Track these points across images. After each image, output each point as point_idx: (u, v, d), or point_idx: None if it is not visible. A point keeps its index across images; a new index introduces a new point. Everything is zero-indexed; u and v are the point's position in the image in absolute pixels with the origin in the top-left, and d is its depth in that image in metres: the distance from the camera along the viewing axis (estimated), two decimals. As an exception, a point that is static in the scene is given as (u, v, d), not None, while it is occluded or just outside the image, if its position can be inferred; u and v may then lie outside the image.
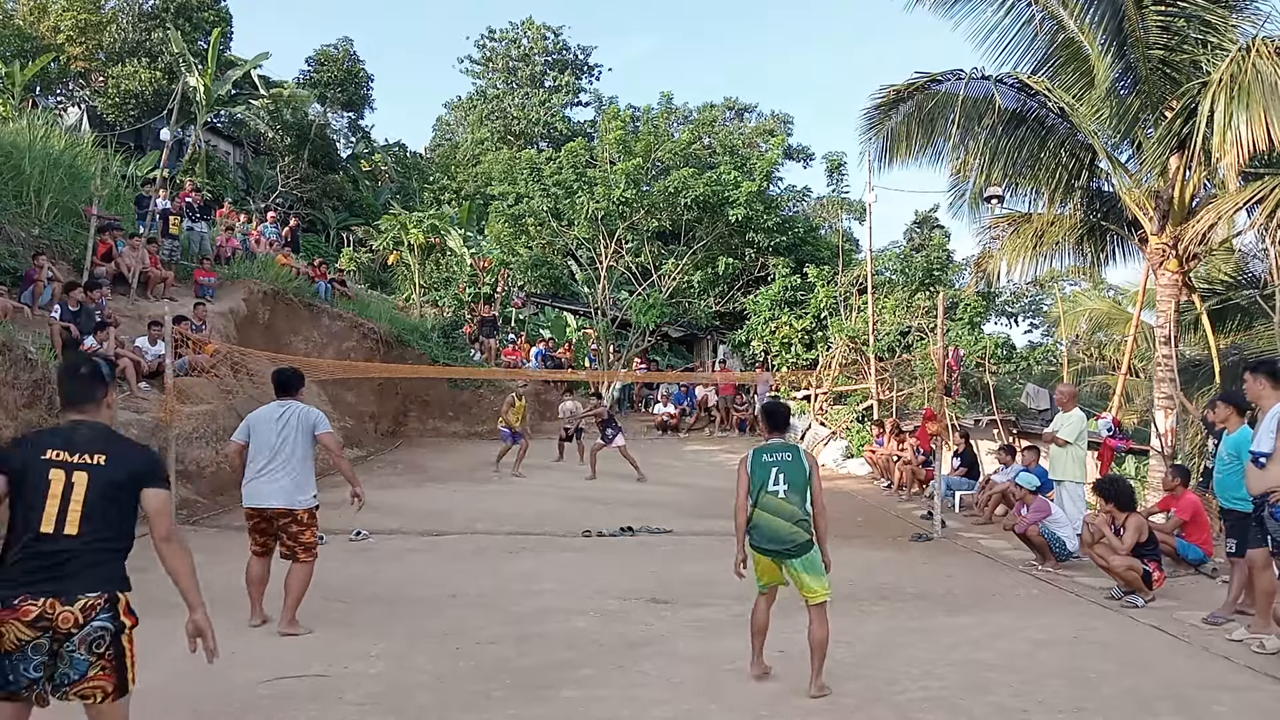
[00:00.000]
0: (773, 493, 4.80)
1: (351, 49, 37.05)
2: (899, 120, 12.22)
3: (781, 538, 4.76)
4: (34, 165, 14.11)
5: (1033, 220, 14.06)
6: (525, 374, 21.27)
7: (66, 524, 2.94)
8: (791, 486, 4.81)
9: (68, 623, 2.88)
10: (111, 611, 2.98)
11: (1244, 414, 6.52)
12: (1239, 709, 4.66)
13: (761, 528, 4.82)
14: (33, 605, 2.86)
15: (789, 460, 4.88)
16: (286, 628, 5.77)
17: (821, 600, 4.75)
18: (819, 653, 4.72)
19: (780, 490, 4.80)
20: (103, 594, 2.97)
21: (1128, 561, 6.94)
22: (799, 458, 4.92)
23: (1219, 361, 13.34)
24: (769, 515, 4.80)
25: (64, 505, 2.94)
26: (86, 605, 2.92)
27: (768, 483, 4.82)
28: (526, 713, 4.56)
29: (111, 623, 2.97)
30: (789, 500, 4.78)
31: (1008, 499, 10.53)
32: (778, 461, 4.88)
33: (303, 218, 26.87)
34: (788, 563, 4.79)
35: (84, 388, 3.18)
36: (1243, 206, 10.99)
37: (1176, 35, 10.87)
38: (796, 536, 4.74)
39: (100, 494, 2.99)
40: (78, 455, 3.00)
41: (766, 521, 4.80)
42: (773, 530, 4.78)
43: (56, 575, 2.91)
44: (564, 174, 24.32)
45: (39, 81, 25.87)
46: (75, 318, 11.07)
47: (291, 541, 5.86)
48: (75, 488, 2.96)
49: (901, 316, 19.11)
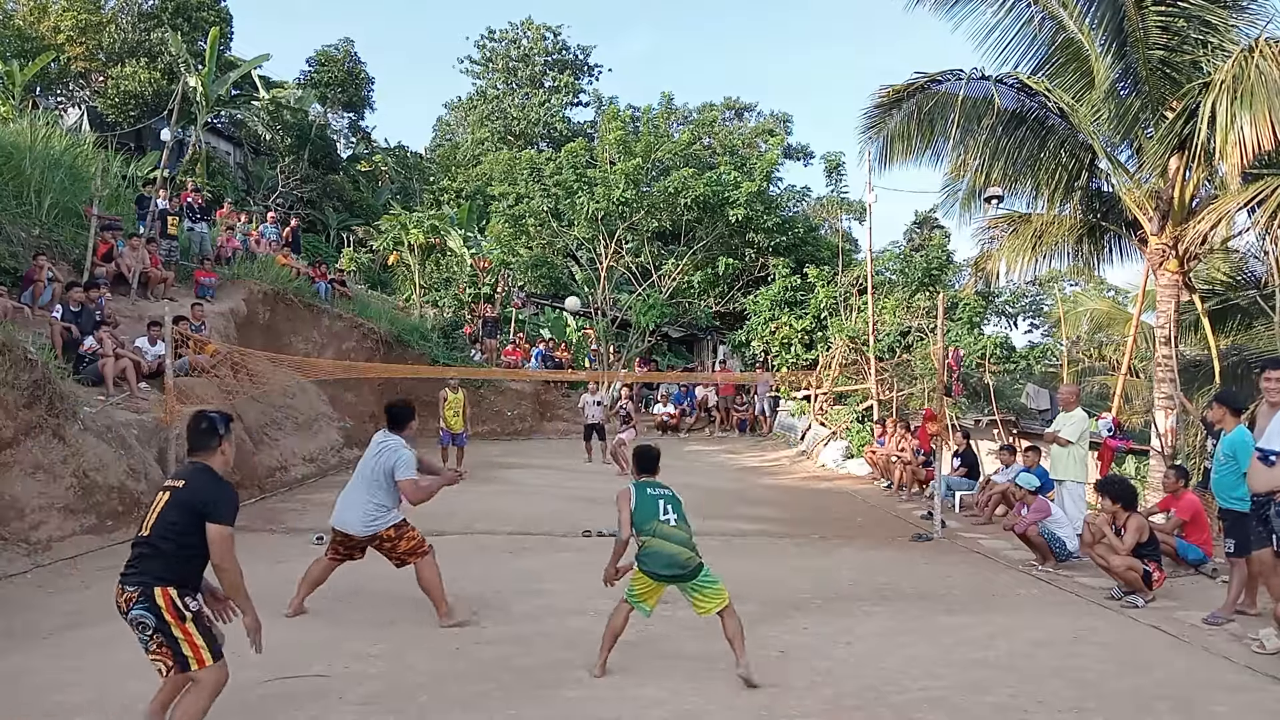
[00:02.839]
0: (664, 521, 5.08)
1: (353, 49, 37.12)
2: (898, 120, 12.22)
3: (679, 562, 4.99)
4: (34, 165, 14.10)
5: (1032, 220, 14.06)
6: (525, 374, 21.29)
7: (144, 527, 3.74)
8: (679, 516, 5.13)
9: (122, 606, 3.69)
10: (147, 603, 3.63)
11: (1239, 414, 6.52)
12: (1239, 709, 4.66)
13: (660, 554, 5.00)
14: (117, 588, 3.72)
15: (669, 495, 5.23)
16: (445, 621, 5.96)
17: (723, 608, 4.98)
18: (739, 640, 4.93)
19: (671, 519, 5.09)
20: (138, 589, 3.66)
21: (1128, 562, 6.94)
22: (674, 493, 5.29)
23: (1219, 362, 13.34)
24: (666, 542, 5.01)
25: (151, 516, 3.74)
26: (129, 596, 3.67)
27: (657, 513, 5.09)
28: (526, 713, 4.56)
29: (149, 613, 3.63)
30: (680, 527, 5.08)
31: (1008, 499, 10.53)
32: (661, 495, 5.20)
33: (303, 218, 26.88)
34: (684, 585, 5.02)
35: (198, 439, 3.92)
36: (1243, 207, 10.98)
37: (1176, 36, 10.88)
38: (691, 561, 5.00)
39: (169, 509, 3.71)
40: (173, 481, 3.85)
41: (664, 548, 5.00)
42: (670, 556, 4.99)
43: (126, 567, 3.74)
44: (564, 174, 24.32)
45: (39, 81, 25.86)
46: (75, 318, 11.06)
47: (394, 555, 6.04)
48: (159, 503, 3.76)
49: (901, 316, 19.11)
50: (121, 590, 3.69)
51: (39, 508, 7.94)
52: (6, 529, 7.58)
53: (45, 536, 7.84)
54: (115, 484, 8.78)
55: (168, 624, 3.64)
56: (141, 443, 9.74)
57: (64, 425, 8.48)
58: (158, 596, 3.64)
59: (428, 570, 6.01)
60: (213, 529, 3.67)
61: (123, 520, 8.73)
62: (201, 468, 3.85)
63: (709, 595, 5.00)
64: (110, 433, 9.22)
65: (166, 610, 3.65)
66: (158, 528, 3.69)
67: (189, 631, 3.67)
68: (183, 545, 3.69)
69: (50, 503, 8.06)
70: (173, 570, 3.69)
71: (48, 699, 4.60)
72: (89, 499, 8.43)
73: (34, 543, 7.71)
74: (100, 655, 5.29)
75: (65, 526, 8.09)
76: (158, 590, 3.64)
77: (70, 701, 4.56)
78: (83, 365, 10.63)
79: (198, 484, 3.77)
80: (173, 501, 3.72)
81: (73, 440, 8.50)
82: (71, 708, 4.49)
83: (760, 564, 8.42)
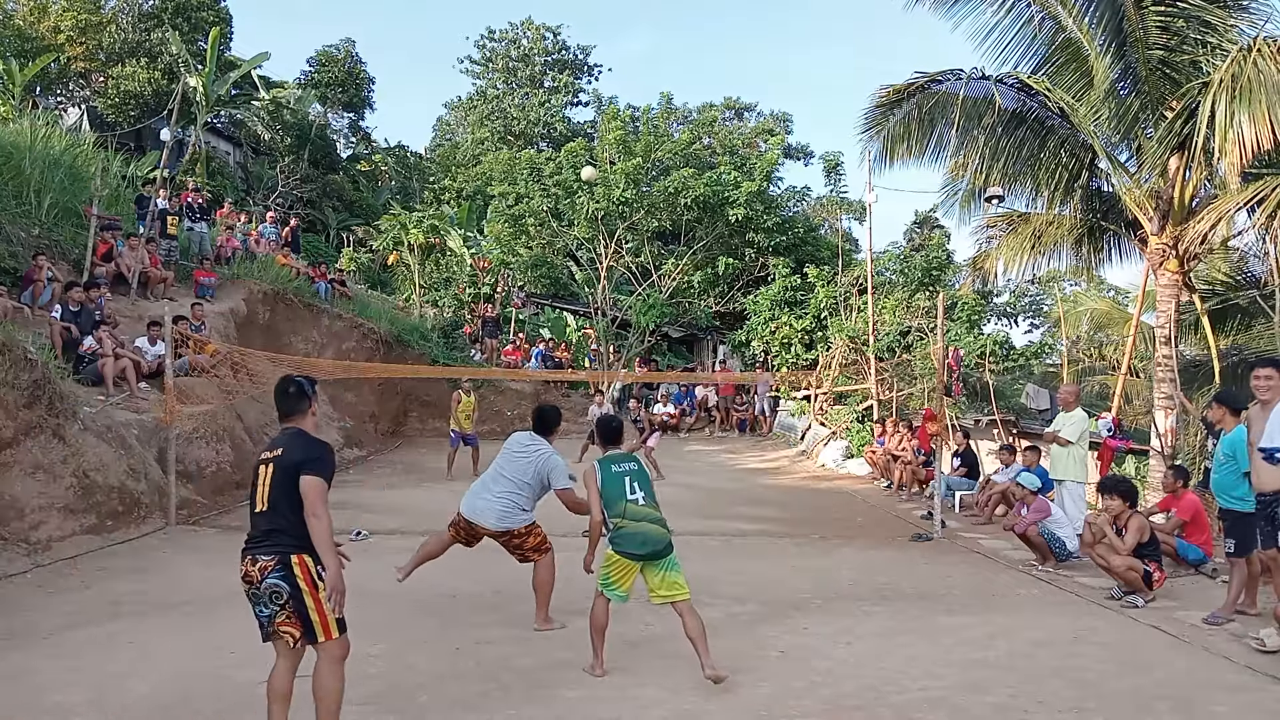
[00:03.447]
0: (632, 500, 5.02)
1: (353, 49, 37.11)
2: (899, 120, 12.23)
3: (653, 539, 4.94)
4: (34, 165, 14.09)
5: (1031, 220, 14.06)
6: (525, 374, 21.28)
7: (261, 503, 3.81)
8: (646, 493, 5.07)
9: (254, 578, 3.74)
10: (284, 571, 3.72)
11: (1239, 414, 6.51)
12: (1239, 709, 4.66)
13: (633, 535, 4.95)
14: (243, 566, 3.79)
15: (635, 469, 5.15)
16: (541, 624, 6.00)
17: (686, 597, 4.94)
18: (702, 641, 4.86)
19: (639, 498, 5.04)
20: (274, 557, 3.73)
21: (1128, 561, 6.94)
22: (641, 465, 5.23)
23: (1219, 361, 13.34)
24: (638, 522, 4.96)
25: (261, 489, 3.82)
26: (263, 565, 3.73)
27: (625, 492, 5.02)
28: (526, 713, 4.56)
29: (285, 581, 3.71)
30: (649, 505, 5.04)
31: (1008, 499, 10.53)
32: (627, 470, 5.12)
33: (303, 218, 26.87)
34: (657, 564, 4.95)
35: (290, 404, 4.01)
36: (1243, 206, 10.99)
37: (1176, 35, 10.88)
38: (663, 537, 4.97)
39: (278, 479, 3.79)
40: (270, 452, 3.89)
41: (637, 528, 4.96)
42: (645, 534, 4.94)
43: (252, 541, 3.81)
44: (564, 174, 24.32)
45: (39, 81, 25.87)
46: (75, 318, 11.06)
47: (519, 551, 6.10)
48: (266, 477, 3.83)
49: (901, 316, 19.11)
50: (253, 560, 3.75)
51: (39, 508, 7.95)
52: (6, 529, 7.58)
53: (45, 536, 7.85)
54: (115, 484, 8.79)
55: (302, 592, 3.72)
56: (141, 443, 9.74)
57: (64, 425, 8.48)
58: (294, 565, 3.72)
59: (545, 571, 6.06)
60: (306, 479, 3.74)
61: (123, 520, 8.74)
62: (295, 431, 3.94)
63: (671, 582, 4.92)
64: (110, 433, 9.23)
65: (303, 578, 3.73)
66: (274, 499, 3.77)
67: (320, 601, 3.74)
68: (300, 511, 3.76)
69: (50, 503, 8.06)
70: (303, 539, 3.76)
71: (48, 699, 4.60)
72: (89, 499, 8.44)
73: (34, 543, 7.71)
74: (100, 655, 5.30)
75: (65, 526, 8.09)
76: (294, 558, 3.73)
77: (70, 701, 4.56)
78: (83, 365, 10.63)
79: (294, 446, 3.85)
80: (278, 471, 3.79)
81: (73, 440, 8.50)
82: (71, 708, 4.49)
83: (760, 564, 8.42)
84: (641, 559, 4.96)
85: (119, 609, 6.38)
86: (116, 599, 6.65)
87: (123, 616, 6.19)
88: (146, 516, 9.09)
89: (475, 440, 14.53)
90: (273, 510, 3.77)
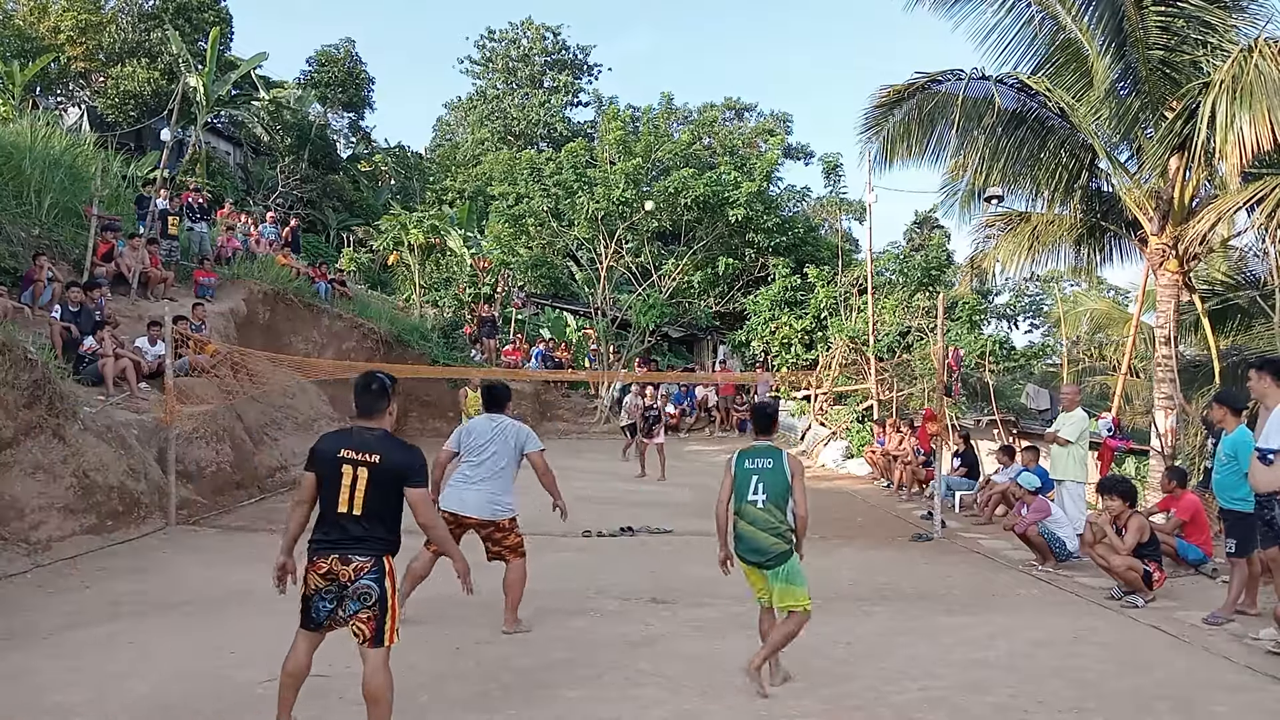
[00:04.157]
0: (751, 502, 4.83)
1: (353, 49, 37.09)
2: (899, 120, 12.22)
3: (761, 548, 4.79)
4: (34, 165, 14.08)
5: (1030, 219, 14.06)
6: (525, 374, 21.28)
7: (353, 505, 3.79)
8: (770, 496, 4.81)
9: (345, 577, 3.76)
10: (378, 572, 3.78)
11: (1240, 414, 6.51)
12: (1239, 709, 4.66)
13: (743, 538, 4.87)
14: (323, 563, 3.78)
15: (769, 468, 4.87)
16: (509, 627, 5.93)
17: (798, 609, 4.76)
18: (776, 647, 4.78)
19: (759, 500, 4.81)
20: (371, 558, 3.78)
21: (1128, 561, 6.94)
22: (780, 464, 4.88)
23: (1219, 362, 13.34)
24: (748, 526, 4.84)
25: (351, 491, 3.79)
26: (357, 566, 3.76)
27: (747, 492, 4.85)
28: (526, 713, 4.56)
29: (377, 583, 3.77)
30: (767, 510, 4.79)
31: (1008, 499, 10.53)
32: (759, 469, 4.88)
33: (303, 218, 26.87)
34: (770, 572, 4.82)
35: (372, 401, 4.01)
36: (1243, 206, 10.99)
37: (1176, 36, 10.88)
38: (775, 547, 4.77)
39: (376, 482, 3.80)
40: (357, 453, 3.84)
41: (747, 531, 4.85)
42: (753, 541, 4.82)
43: (341, 542, 3.79)
44: (564, 174, 24.31)
45: (39, 82, 25.85)
46: (75, 318, 11.06)
47: (498, 547, 6.00)
48: (359, 479, 3.80)
49: (901, 316, 19.11)
50: (344, 560, 3.75)
51: (39, 508, 7.94)
52: (6, 529, 7.58)
53: (45, 536, 7.84)
54: (115, 484, 8.78)
55: (387, 594, 3.79)
56: (141, 443, 9.74)
57: (64, 425, 8.48)
58: (386, 567, 3.81)
59: (517, 573, 6.00)
60: (415, 493, 3.87)
61: (123, 520, 8.73)
62: (384, 434, 3.96)
63: (784, 593, 4.78)
64: (110, 433, 9.22)
65: (389, 581, 3.82)
66: (370, 503, 3.78)
67: (395, 606, 3.84)
68: (394, 515, 3.86)
69: (50, 503, 8.05)
70: (393, 544, 3.87)
71: (48, 699, 4.60)
72: (89, 499, 8.43)
73: (34, 543, 7.70)
74: (100, 655, 5.30)
75: (65, 526, 8.09)
76: (386, 560, 3.82)
77: (70, 701, 4.56)
78: (83, 365, 10.63)
79: (393, 452, 3.88)
80: (376, 477, 3.81)
81: (73, 440, 8.50)
82: (71, 708, 4.49)
83: (760, 564, 8.41)
84: (750, 564, 4.86)
85: (119, 609, 6.38)
86: (116, 599, 6.65)
87: (123, 616, 6.19)
88: (146, 516, 9.09)
89: None
90: (368, 514, 3.79)
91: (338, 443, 3.90)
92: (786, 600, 4.78)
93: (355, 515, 3.78)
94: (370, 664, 3.82)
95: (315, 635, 3.93)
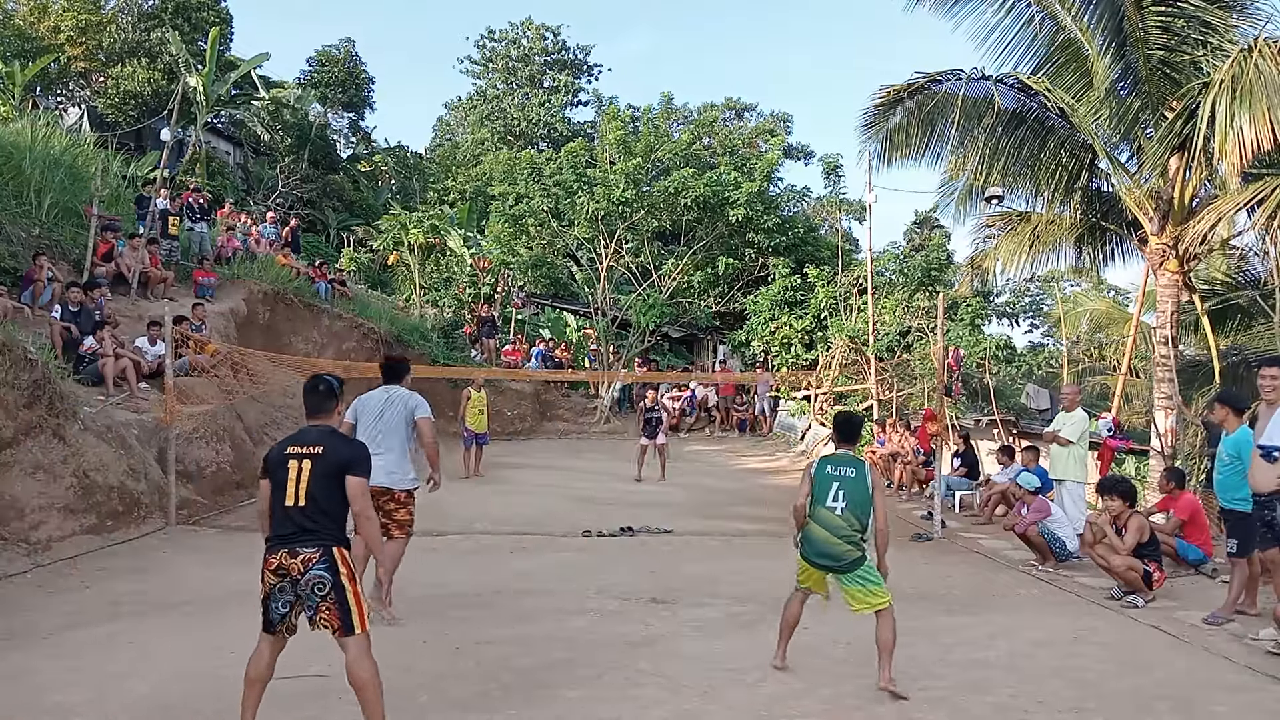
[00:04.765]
0: (830, 509, 4.86)
1: (353, 49, 37.09)
2: (899, 120, 12.20)
3: (833, 554, 4.83)
4: (34, 165, 14.08)
5: (1030, 219, 14.05)
6: (525, 374, 21.28)
7: (299, 498, 3.88)
8: (850, 504, 4.85)
9: (295, 570, 3.81)
10: (328, 561, 3.83)
11: (1241, 414, 6.51)
12: (1239, 709, 4.66)
13: (815, 541, 4.89)
14: (274, 559, 3.85)
15: (852, 477, 4.91)
16: (383, 609, 5.93)
17: (880, 608, 4.80)
18: (888, 652, 4.76)
19: (838, 507, 4.85)
20: (319, 549, 3.84)
21: (1128, 561, 6.94)
22: (863, 474, 4.92)
23: (1219, 362, 13.33)
24: (823, 530, 4.86)
25: (297, 484, 3.89)
26: (306, 558, 3.82)
27: (826, 498, 4.88)
28: (526, 713, 4.55)
29: (328, 571, 3.82)
30: (844, 518, 4.84)
31: (1008, 499, 10.53)
32: (840, 476, 4.92)
33: (303, 218, 26.85)
34: (844, 577, 4.85)
35: (320, 401, 4.15)
36: (1243, 206, 10.97)
37: (1176, 36, 10.87)
38: (849, 555, 4.81)
39: (318, 474, 3.89)
40: (302, 447, 3.96)
41: (820, 535, 4.87)
42: (825, 545, 4.85)
43: (290, 536, 3.87)
44: (564, 174, 24.31)
45: (39, 81, 25.84)
46: (75, 318, 11.06)
47: (386, 519, 5.98)
48: (303, 471, 3.90)
49: (901, 316, 19.10)
50: (292, 553, 3.82)
51: (39, 508, 7.94)
52: (6, 529, 7.58)
53: (45, 536, 7.84)
54: (115, 484, 8.79)
55: (343, 584, 3.84)
56: (141, 443, 9.74)
57: (64, 425, 8.48)
58: (336, 556, 3.86)
59: (398, 548, 6.07)
60: (355, 481, 3.93)
61: (123, 520, 8.74)
62: (330, 430, 4.10)
63: (859, 595, 4.81)
64: (110, 433, 9.23)
65: (343, 569, 3.87)
66: (313, 493, 3.87)
67: (358, 593, 3.90)
68: (340, 506, 3.93)
69: (50, 503, 8.06)
70: (340, 533, 3.94)
71: (48, 699, 4.60)
72: (89, 499, 8.43)
73: (34, 543, 7.71)
74: (100, 655, 5.30)
75: (65, 526, 8.09)
76: (335, 550, 3.87)
77: (70, 701, 4.56)
78: (83, 365, 10.63)
79: (336, 445, 4.00)
80: (319, 468, 3.90)
81: (73, 440, 8.50)
82: (71, 708, 4.49)
83: (761, 564, 8.41)
84: (818, 567, 4.89)
85: (119, 609, 6.38)
86: (116, 599, 6.65)
87: (123, 616, 6.19)
88: (146, 516, 9.09)
89: (486, 440, 14.53)
90: (311, 505, 3.87)
91: (286, 443, 4.05)
92: (870, 601, 4.81)
93: (301, 506, 3.87)
94: (350, 653, 3.87)
95: (278, 640, 3.97)
